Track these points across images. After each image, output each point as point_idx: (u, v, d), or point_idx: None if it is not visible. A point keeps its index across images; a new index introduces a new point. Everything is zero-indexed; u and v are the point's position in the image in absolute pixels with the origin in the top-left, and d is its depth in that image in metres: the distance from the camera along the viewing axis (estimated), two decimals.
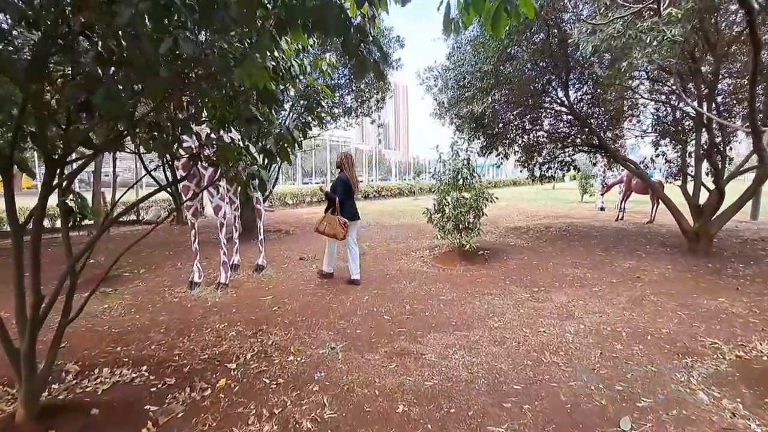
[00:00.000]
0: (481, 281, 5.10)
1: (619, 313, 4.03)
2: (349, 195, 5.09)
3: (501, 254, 6.64)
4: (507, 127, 8.09)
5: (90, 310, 4.30)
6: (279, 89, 2.52)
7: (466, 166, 6.20)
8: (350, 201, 5.11)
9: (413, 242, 7.77)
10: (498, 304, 4.23)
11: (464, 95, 6.52)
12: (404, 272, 5.58)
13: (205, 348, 3.28)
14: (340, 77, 9.26)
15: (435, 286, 4.90)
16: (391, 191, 22.96)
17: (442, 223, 6.23)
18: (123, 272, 6.19)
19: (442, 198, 6.20)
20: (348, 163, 5.06)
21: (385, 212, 13.79)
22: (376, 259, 6.40)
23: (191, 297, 4.66)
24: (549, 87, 7.73)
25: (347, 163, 5.05)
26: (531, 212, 12.91)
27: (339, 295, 4.61)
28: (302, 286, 5.04)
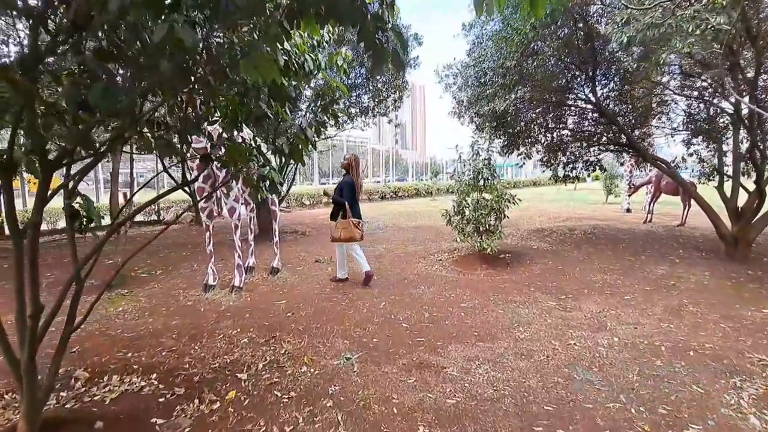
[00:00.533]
0: (503, 287, 4.85)
1: (656, 325, 3.74)
2: (355, 198, 5.03)
3: (524, 258, 6.36)
4: (529, 125, 7.78)
5: (105, 313, 4.27)
6: (291, 85, 2.37)
7: (487, 166, 5.96)
8: (356, 204, 5.07)
9: (431, 245, 7.56)
10: (523, 313, 3.98)
11: (485, 92, 6.28)
12: (422, 276, 5.38)
13: (216, 356, 3.17)
14: (356, 76, 9.13)
15: (455, 291, 4.68)
16: (408, 192, 22.75)
17: (461, 226, 6.01)
18: (140, 273, 6.20)
19: (461, 199, 5.98)
20: (356, 165, 5.01)
21: (402, 213, 13.59)
22: (393, 263, 6.22)
23: (205, 300, 4.57)
24: (574, 83, 7.40)
25: (356, 165, 5.00)
26: (553, 214, 12.49)
27: (355, 300, 4.45)
28: (317, 290, 4.90)
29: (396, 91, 9.98)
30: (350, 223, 5.03)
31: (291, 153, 2.47)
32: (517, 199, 5.88)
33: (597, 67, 6.65)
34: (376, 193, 20.96)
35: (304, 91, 6.72)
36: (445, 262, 6.17)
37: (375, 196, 20.82)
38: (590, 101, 7.41)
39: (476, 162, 6.01)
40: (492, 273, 5.51)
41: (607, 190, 15.80)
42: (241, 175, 2.41)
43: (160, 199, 2.52)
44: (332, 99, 2.56)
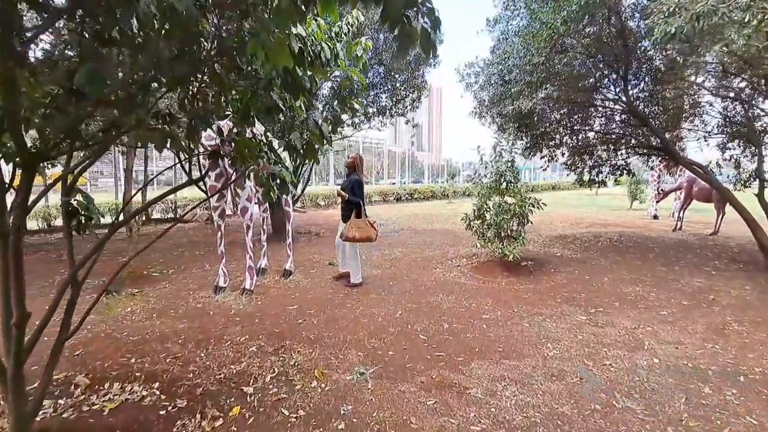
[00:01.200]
0: (527, 297, 4.56)
1: (699, 345, 3.40)
2: (362, 197, 5.01)
3: (547, 266, 6.03)
4: (554, 126, 7.44)
5: (114, 313, 4.16)
6: (306, 76, 2.16)
7: (510, 168, 5.67)
8: (363, 203, 5.05)
9: (449, 249, 7.28)
10: (551, 328, 3.69)
11: (510, 91, 5.98)
12: (440, 283, 5.12)
13: (222, 365, 2.98)
14: (375, 75, 8.93)
15: (476, 301, 4.41)
16: (424, 194, 22.45)
17: (482, 231, 5.73)
18: (152, 272, 6.11)
19: (482, 203, 5.70)
20: (361, 164, 5.06)
21: (418, 216, 13.32)
22: (410, 268, 5.97)
23: (215, 303, 4.42)
24: (602, 83, 7.04)
25: (361, 164, 5.05)
26: (575, 219, 12.04)
27: (370, 308, 4.22)
28: (330, 294, 4.69)
29: (414, 91, 9.74)
30: (366, 222, 4.88)
31: (304, 150, 2.26)
32: (541, 203, 5.56)
33: (629, 64, 6.28)
34: (391, 194, 20.73)
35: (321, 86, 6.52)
36: (463, 269, 5.89)
37: (390, 197, 20.60)
38: (621, 102, 7.03)
39: (498, 164, 5.72)
40: (514, 281, 5.20)
41: (632, 195, 15.19)
42: (251, 173, 2.22)
43: (162, 199, 2.33)
44: (350, 91, 2.33)
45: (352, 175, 5.05)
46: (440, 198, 22.78)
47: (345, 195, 4.91)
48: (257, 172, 2.08)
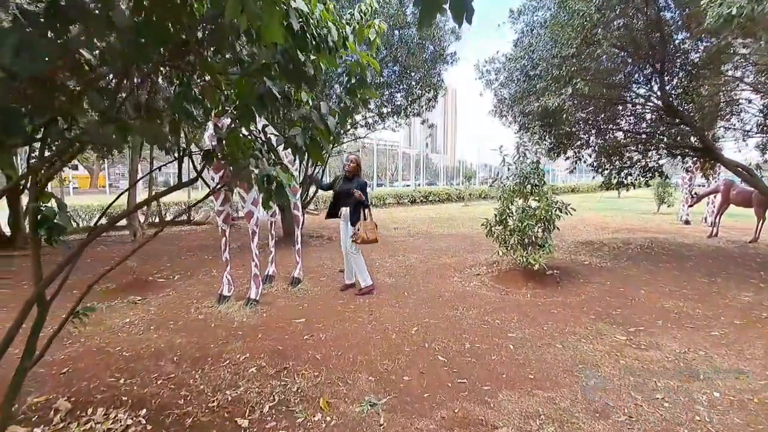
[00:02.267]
0: (557, 313, 4.13)
1: (762, 374, 2.94)
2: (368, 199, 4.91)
3: (575, 276, 5.57)
4: (580, 125, 6.97)
5: (112, 324, 3.91)
6: (309, 61, 1.83)
7: (534, 170, 5.25)
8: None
9: (468, 256, 6.87)
10: (587, 350, 3.27)
11: (534, 87, 5.57)
12: (459, 295, 4.72)
13: (217, 389, 2.67)
14: (390, 74, 8.59)
15: (499, 316, 4.01)
16: (439, 196, 22.01)
17: (504, 237, 5.31)
18: (158, 278, 5.89)
19: (504, 207, 5.28)
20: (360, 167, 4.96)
21: (433, 219, 12.92)
22: (426, 276, 5.59)
23: (217, 314, 4.13)
24: (632, 78, 6.55)
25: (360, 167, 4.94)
26: (600, 224, 11.45)
27: (383, 322, 3.86)
28: (340, 306, 4.36)
29: (430, 90, 9.36)
30: (373, 225, 4.80)
31: (307, 149, 1.93)
32: (570, 207, 5.12)
33: (665, 58, 5.78)
34: (406, 196, 20.35)
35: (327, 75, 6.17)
36: (484, 278, 5.48)
37: (405, 199, 20.21)
38: (654, 98, 6.52)
39: (522, 165, 5.31)
40: (540, 293, 4.78)
41: (660, 199, 14.46)
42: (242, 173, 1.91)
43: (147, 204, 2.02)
44: (361, 79, 1.98)
45: (359, 178, 4.87)
46: (456, 201, 22.30)
47: (363, 198, 4.72)
48: (250, 174, 1.75)
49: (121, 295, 4.87)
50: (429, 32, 8.02)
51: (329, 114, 1.87)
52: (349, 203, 4.74)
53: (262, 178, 1.65)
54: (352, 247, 4.82)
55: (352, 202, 4.70)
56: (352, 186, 4.79)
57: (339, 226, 5.03)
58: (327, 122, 1.85)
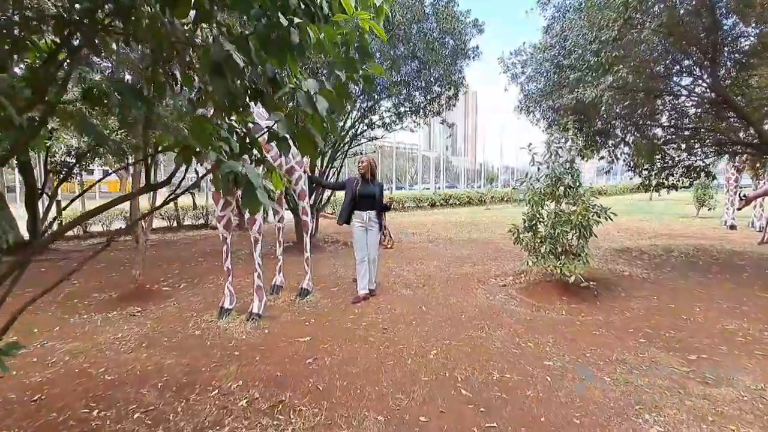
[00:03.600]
0: (599, 335, 3.57)
1: None
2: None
3: (615, 289, 4.97)
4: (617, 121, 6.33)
5: (103, 340, 3.59)
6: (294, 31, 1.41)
7: (568, 170, 4.69)
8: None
9: (492, 265, 6.32)
10: (642, 385, 2.71)
11: (567, 79, 5.01)
12: (484, 310, 4.21)
13: (198, 428, 2.26)
14: (408, 73, 8.14)
15: (532, 338, 3.48)
16: (460, 199, 21.36)
17: (534, 245, 4.77)
18: (163, 286, 5.62)
19: (534, 212, 4.74)
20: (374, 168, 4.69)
21: (454, 224, 12.36)
22: (446, 288, 5.09)
23: (216, 329, 3.76)
24: (679, 67, 5.88)
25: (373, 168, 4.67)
26: (635, 229, 10.63)
27: (397, 343, 3.39)
28: (351, 322, 3.91)
29: (451, 87, 8.87)
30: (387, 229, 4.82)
31: (294, 139, 1.51)
32: (610, 213, 4.53)
33: (717, 45, 5.12)
34: (425, 200, 19.82)
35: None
36: (511, 290, 4.94)
37: (424, 203, 19.68)
38: (701, 89, 5.84)
39: (555, 165, 4.76)
40: (577, 310, 4.21)
41: (699, 201, 13.44)
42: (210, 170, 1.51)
43: (101, 212, 1.62)
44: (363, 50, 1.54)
45: (377, 181, 4.72)
46: (477, 204, 21.61)
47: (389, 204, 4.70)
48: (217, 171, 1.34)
49: (121, 306, 4.59)
50: (450, 25, 7.56)
51: (319, 94, 1.44)
52: (371, 207, 4.55)
53: (225, 177, 1.23)
54: (366, 257, 4.57)
55: (377, 207, 4.56)
56: (374, 190, 4.59)
57: (354, 231, 4.65)
58: (316, 105, 1.42)
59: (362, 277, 4.62)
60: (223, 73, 1.14)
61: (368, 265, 4.63)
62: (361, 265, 4.60)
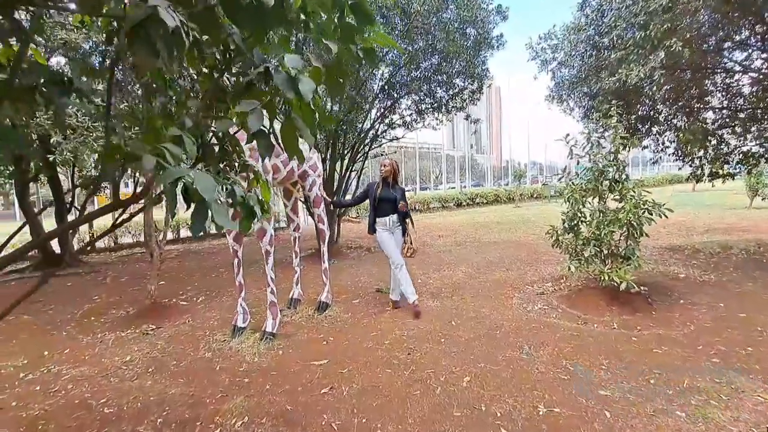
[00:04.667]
0: (662, 354, 3.03)
1: None
2: None
3: (671, 295, 4.37)
4: (665, 104, 5.67)
5: (110, 363, 3.39)
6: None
7: (613, 162, 4.15)
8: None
9: (527, 269, 5.80)
10: (725, 422, 2.18)
11: (607, 60, 4.47)
12: (522, 325, 3.73)
13: None
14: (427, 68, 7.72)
15: (582, 359, 2.99)
16: (487, 198, 20.66)
17: (575, 246, 4.25)
18: (181, 300, 5.45)
19: (575, 210, 4.22)
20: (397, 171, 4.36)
21: (482, 224, 11.79)
22: (477, 297, 4.64)
23: (227, 351, 3.48)
24: (735, 40, 5.19)
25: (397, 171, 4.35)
26: (683, 223, 9.74)
27: (424, 367, 2.99)
28: (372, 340, 3.54)
29: (474, 81, 8.38)
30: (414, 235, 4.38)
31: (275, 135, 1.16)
32: (665, 209, 3.96)
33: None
34: (451, 200, 19.26)
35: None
36: (550, 299, 4.43)
37: (450, 203, 19.13)
38: (760, 64, 5.13)
39: (597, 157, 4.23)
40: (631, 322, 3.67)
41: (753, 190, 12.28)
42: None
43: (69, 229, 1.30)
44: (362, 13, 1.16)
45: (398, 185, 4.36)
46: (505, 202, 20.83)
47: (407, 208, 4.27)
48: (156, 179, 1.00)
49: (136, 323, 4.42)
50: (471, 14, 7.09)
51: (304, 73, 1.08)
52: (394, 211, 4.23)
53: (170, 189, 0.89)
54: (401, 260, 4.22)
55: (400, 212, 4.23)
56: (395, 194, 4.24)
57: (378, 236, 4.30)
58: (299, 87, 1.05)
59: (407, 282, 4.16)
60: (150, 41, 0.79)
61: (396, 272, 4.26)
62: (399, 270, 4.16)
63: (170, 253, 9.84)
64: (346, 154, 7.99)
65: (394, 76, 7.75)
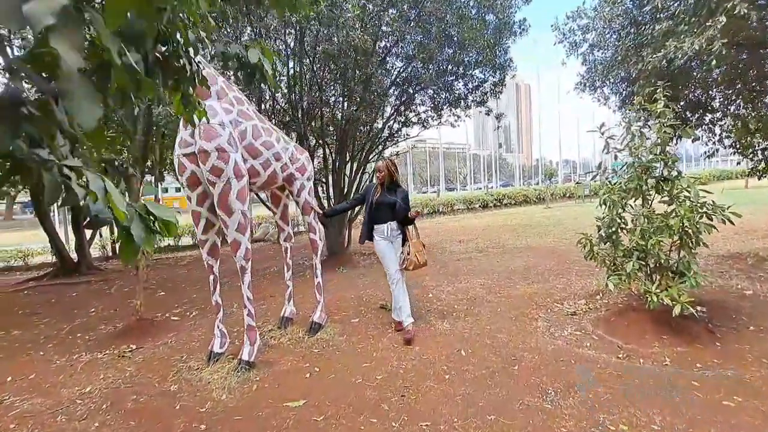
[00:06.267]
0: (736, 408, 2.29)
1: None
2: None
3: (737, 317, 3.55)
4: (721, 88, 4.79)
5: (68, 395, 3.02)
6: None
7: (660, 156, 3.40)
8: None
9: (555, 282, 5.05)
10: None
11: (650, 35, 3.71)
12: (548, 357, 3.05)
13: None
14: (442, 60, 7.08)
15: (624, 414, 2.29)
16: (515, 198, 19.65)
17: (614, 259, 3.52)
18: (173, 314, 5.10)
19: (614, 215, 3.49)
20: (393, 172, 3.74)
21: (508, 227, 10.97)
22: (495, 317, 3.97)
23: (197, 382, 3.01)
24: None
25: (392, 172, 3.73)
26: (741, 225, 8.54)
27: (418, 415, 2.38)
28: (363, 375, 2.96)
29: (496, 72, 7.66)
30: (421, 244, 3.75)
31: None
32: (730, 212, 3.17)
33: None
34: (476, 201, 18.40)
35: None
36: (583, 321, 3.71)
37: (475, 204, 18.28)
38: None
39: (639, 150, 3.48)
40: (688, 357, 2.91)
41: None
42: None
43: None
44: None
45: (400, 188, 3.79)
46: (535, 203, 19.73)
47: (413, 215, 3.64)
48: None
49: (116, 343, 4.08)
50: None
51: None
52: (392, 218, 3.68)
53: None
54: (398, 274, 3.67)
55: (399, 218, 3.66)
56: (392, 198, 3.66)
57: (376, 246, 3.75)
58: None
59: (404, 301, 3.66)
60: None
61: (391, 287, 3.71)
62: (395, 286, 3.67)
63: (182, 260, 9.66)
64: (356, 156, 7.47)
65: (406, 69, 7.17)
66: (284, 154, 3.52)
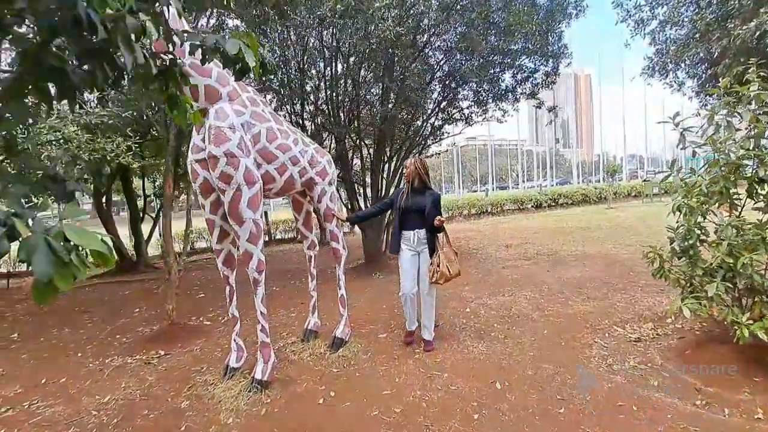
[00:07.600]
0: None
1: None
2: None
3: None
4: None
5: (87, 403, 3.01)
6: None
7: (753, 150, 2.71)
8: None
9: (616, 299, 4.37)
10: None
11: (736, 5, 3.00)
12: (602, 400, 2.51)
13: None
14: (491, 53, 6.53)
15: None
16: (573, 198, 18.23)
17: (691, 278, 2.89)
18: (207, 318, 5.11)
19: (692, 225, 2.85)
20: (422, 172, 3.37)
21: (563, 231, 10.06)
22: (539, 341, 3.45)
23: (207, 401, 2.86)
24: None
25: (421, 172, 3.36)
26: None
27: None
28: (381, 406, 2.63)
29: (549, 61, 6.97)
30: (455, 252, 3.36)
31: None
32: None
33: None
34: (528, 200, 17.29)
35: None
36: (650, 350, 3.09)
37: (528, 204, 17.19)
38: None
39: (725, 144, 2.81)
40: None
41: None
42: None
43: None
44: None
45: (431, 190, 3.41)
46: (595, 202, 18.19)
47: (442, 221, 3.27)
48: None
49: (147, 347, 4.11)
50: None
51: None
52: (422, 225, 3.33)
53: None
54: (429, 288, 3.36)
55: (428, 224, 3.29)
56: (422, 202, 3.32)
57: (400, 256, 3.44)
58: None
59: (408, 316, 3.49)
60: None
61: (422, 299, 3.36)
62: (404, 300, 3.43)
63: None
64: (394, 155, 7.14)
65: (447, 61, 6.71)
66: (302, 157, 3.28)
